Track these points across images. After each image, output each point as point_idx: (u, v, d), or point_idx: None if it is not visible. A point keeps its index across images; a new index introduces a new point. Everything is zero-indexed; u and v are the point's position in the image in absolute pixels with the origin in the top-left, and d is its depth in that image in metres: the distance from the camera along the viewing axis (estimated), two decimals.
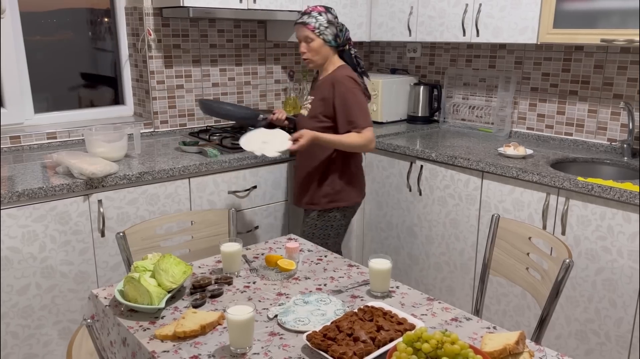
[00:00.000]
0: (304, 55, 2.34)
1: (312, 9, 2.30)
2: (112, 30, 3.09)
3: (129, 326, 1.46)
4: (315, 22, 2.27)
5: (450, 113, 3.45)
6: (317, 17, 2.27)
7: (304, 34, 2.29)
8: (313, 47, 2.30)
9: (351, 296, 1.62)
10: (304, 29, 2.29)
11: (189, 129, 3.15)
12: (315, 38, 2.29)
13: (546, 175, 2.34)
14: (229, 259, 1.75)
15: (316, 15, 2.28)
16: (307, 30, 2.28)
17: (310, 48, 2.31)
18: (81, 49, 3.07)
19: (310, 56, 2.33)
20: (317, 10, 2.29)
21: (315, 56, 2.33)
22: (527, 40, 2.65)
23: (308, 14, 2.29)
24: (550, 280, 1.74)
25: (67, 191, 2.16)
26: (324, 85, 2.34)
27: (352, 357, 1.23)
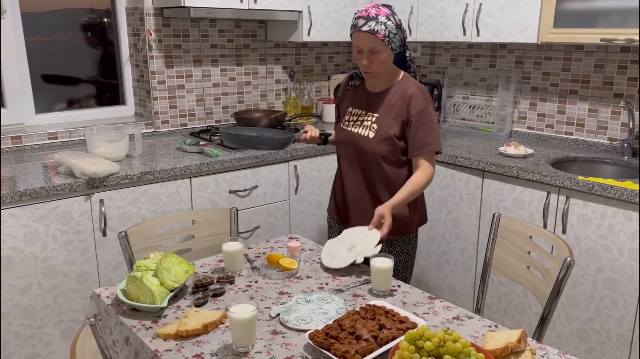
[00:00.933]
0: (369, 68, 1.90)
1: (377, 12, 1.84)
2: (113, 30, 3.09)
3: (132, 325, 1.46)
4: (384, 29, 1.82)
5: (451, 112, 3.46)
6: (385, 22, 1.83)
7: (370, 45, 1.84)
8: (381, 59, 1.87)
9: (353, 295, 1.62)
10: (372, 38, 1.83)
11: (190, 129, 3.15)
12: (384, 49, 1.85)
13: (547, 174, 2.34)
14: (230, 258, 1.75)
15: (384, 20, 1.83)
16: (376, 40, 1.83)
17: (377, 59, 1.87)
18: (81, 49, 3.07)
19: (377, 68, 1.90)
20: (383, 14, 1.84)
21: (382, 68, 1.90)
22: (527, 39, 2.66)
23: (374, 19, 1.82)
24: (552, 279, 1.74)
25: (69, 191, 2.16)
26: (393, 100, 1.94)
27: (354, 355, 1.24)
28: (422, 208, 2.11)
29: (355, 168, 2.04)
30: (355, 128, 2.02)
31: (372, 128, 1.98)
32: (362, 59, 1.90)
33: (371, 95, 2.01)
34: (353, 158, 2.04)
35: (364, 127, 2.00)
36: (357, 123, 2.03)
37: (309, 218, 2.94)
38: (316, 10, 3.09)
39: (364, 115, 2.02)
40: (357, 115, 2.04)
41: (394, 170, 1.98)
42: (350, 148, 2.04)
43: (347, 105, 2.10)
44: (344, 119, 2.09)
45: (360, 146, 2.00)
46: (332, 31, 3.21)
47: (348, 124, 2.06)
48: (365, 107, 2.03)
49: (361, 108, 2.04)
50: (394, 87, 1.96)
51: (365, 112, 2.02)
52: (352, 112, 2.06)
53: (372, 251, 1.73)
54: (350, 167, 2.06)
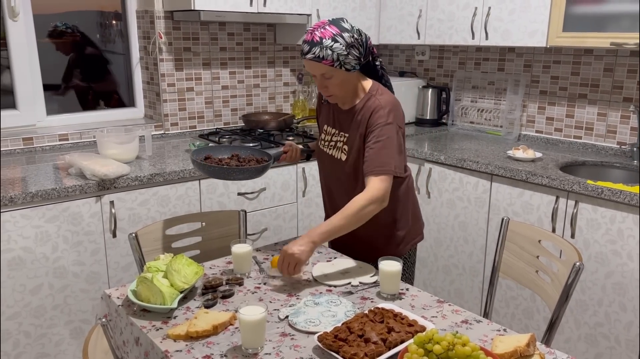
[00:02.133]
0: (326, 92, 1.77)
1: (322, 34, 1.66)
2: (123, 33, 3.12)
3: (142, 325, 1.47)
4: (331, 54, 1.65)
5: (459, 116, 3.46)
6: (331, 46, 1.65)
7: (320, 71, 1.71)
8: (336, 83, 1.73)
9: (361, 297, 1.63)
10: (319, 65, 1.68)
11: (199, 131, 3.17)
12: (336, 73, 1.70)
13: (555, 178, 2.34)
14: (239, 260, 1.76)
15: (329, 43, 1.64)
16: (323, 67, 1.68)
17: (332, 84, 1.73)
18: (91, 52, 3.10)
19: (335, 92, 1.76)
20: (329, 35, 1.65)
21: (340, 91, 1.77)
22: (536, 43, 2.65)
23: (318, 44, 1.65)
24: (560, 283, 1.74)
25: (80, 192, 2.18)
26: (359, 118, 1.79)
27: (363, 358, 1.24)
28: (415, 225, 1.99)
29: (337, 191, 1.94)
30: (330, 150, 1.91)
31: (343, 150, 1.85)
32: (317, 84, 1.77)
33: (341, 113, 1.86)
34: (333, 181, 1.95)
35: (337, 149, 1.88)
36: (331, 144, 1.91)
37: (316, 221, 2.95)
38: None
39: (337, 135, 1.88)
40: (331, 134, 1.91)
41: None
42: (329, 172, 1.95)
43: (323, 121, 1.97)
44: (321, 137, 1.97)
45: (336, 170, 1.89)
46: None
47: (325, 145, 1.94)
48: (338, 125, 1.89)
49: (334, 127, 1.90)
50: (362, 101, 1.80)
51: (337, 132, 1.88)
52: (327, 131, 1.93)
53: (369, 280, 1.70)
54: (332, 189, 1.96)
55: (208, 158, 1.91)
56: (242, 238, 2.12)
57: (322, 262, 1.85)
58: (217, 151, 1.97)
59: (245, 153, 1.99)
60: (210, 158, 1.91)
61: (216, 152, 1.96)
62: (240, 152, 1.98)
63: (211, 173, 1.84)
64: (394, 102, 1.78)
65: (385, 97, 1.78)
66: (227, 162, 1.90)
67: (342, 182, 1.90)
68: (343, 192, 1.90)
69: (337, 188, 1.94)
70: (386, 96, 1.78)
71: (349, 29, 1.69)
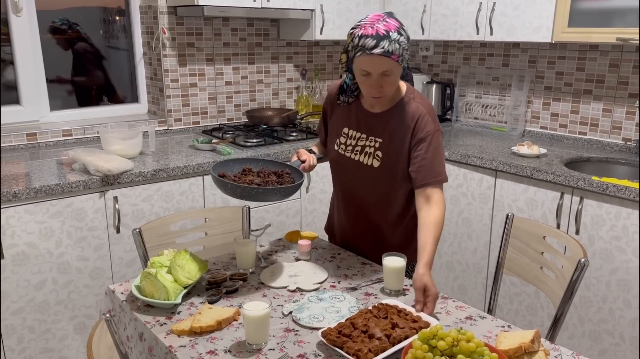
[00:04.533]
0: (379, 92, 1.60)
1: (386, 27, 1.52)
2: (126, 28, 3.12)
3: (146, 321, 1.47)
4: (399, 47, 1.53)
5: (463, 112, 3.45)
6: (399, 39, 1.53)
7: (383, 68, 1.54)
8: (392, 81, 1.59)
9: (365, 293, 1.62)
10: (387, 61, 1.53)
11: (203, 127, 3.17)
12: (397, 69, 1.57)
13: (560, 174, 2.33)
14: (243, 256, 1.76)
15: (396, 37, 1.52)
16: (390, 62, 1.53)
17: (388, 82, 1.58)
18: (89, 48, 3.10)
19: (388, 91, 1.62)
20: (394, 28, 1.53)
21: (392, 90, 1.63)
22: (541, 38, 2.64)
23: (386, 38, 1.51)
24: (565, 279, 1.73)
25: (83, 188, 2.18)
26: (399, 123, 1.68)
27: (367, 354, 1.24)
28: None
29: (363, 198, 1.81)
30: (356, 155, 1.75)
31: (376, 156, 1.71)
32: (371, 83, 1.59)
33: (371, 117, 1.73)
34: (357, 187, 1.81)
35: (365, 154, 1.73)
36: (356, 149, 1.75)
37: (320, 217, 2.95)
38: (329, 8, 3.09)
39: (365, 140, 1.73)
40: (356, 138, 1.75)
41: (402, 204, 1.78)
42: (351, 179, 1.81)
43: (339, 123, 1.81)
44: (337, 141, 1.81)
45: (362, 177, 1.76)
46: (345, 30, 3.20)
47: (345, 149, 1.78)
48: (365, 129, 1.74)
49: (359, 131, 1.75)
50: (399, 105, 1.68)
51: (366, 136, 1.73)
52: (349, 135, 1.78)
53: (311, 286, 1.64)
54: (356, 195, 1.84)
55: (224, 176, 1.68)
56: (246, 234, 2.11)
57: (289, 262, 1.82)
58: (226, 167, 1.75)
59: (256, 165, 1.78)
60: (226, 176, 1.69)
61: (225, 168, 1.74)
62: (251, 165, 1.78)
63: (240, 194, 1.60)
64: (430, 104, 1.74)
65: (425, 102, 1.71)
66: (251, 180, 1.66)
67: (371, 189, 1.78)
68: (372, 199, 1.80)
69: (363, 194, 1.81)
70: (425, 100, 1.72)
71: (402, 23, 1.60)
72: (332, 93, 1.84)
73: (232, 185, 1.58)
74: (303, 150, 1.84)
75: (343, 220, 1.93)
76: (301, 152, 1.82)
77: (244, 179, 1.68)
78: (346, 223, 1.92)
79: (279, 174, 1.74)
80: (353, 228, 1.91)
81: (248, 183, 1.64)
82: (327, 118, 1.88)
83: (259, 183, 1.64)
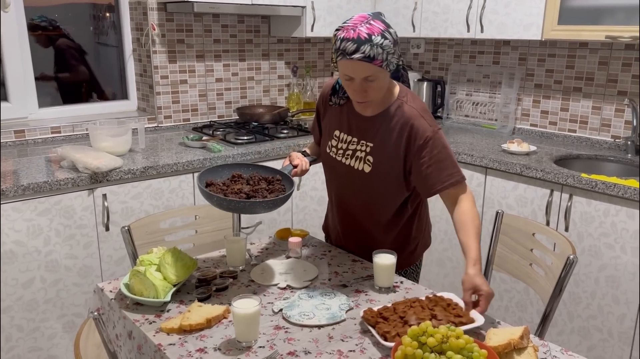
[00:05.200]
0: (363, 98, 1.55)
1: (369, 30, 1.45)
2: (116, 24, 3.09)
3: (135, 319, 1.46)
4: (382, 52, 1.45)
5: (454, 109, 3.45)
6: (382, 43, 1.45)
7: (364, 74, 1.48)
8: (378, 86, 1.53)
9: (355, 290, 1.62)
10: (368, 66, 1.46)
11: (193, 124, 3.15)
12: (381, 74, 1.50)
13: (550, 171, 2.34)
14: (233, 253, 1.75)
15: (380, 41, 1.45)
16: (372, 67, 1.47)
17: (373, 88, 1.52)
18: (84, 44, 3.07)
19: (373, 97, 1.56)
20: (377, 31, 1.45)
21: (379, 95, 1.57)
22: (531, 36, 2.65)
23: (367, 42, 1.44)
24: (554, 276, 1.74)
25: (72, 185, 2.17)
26: (391, 127, 1.62)
27: (394, 337, 1.28)
28: (427, 230, 1.89)
29: (354, 205, 1.78)
30: (347, 160, 1.70)
31: (367, 161, 1.66)
32: (354, 88, 1.53)
33: (362, 120, 1.67)
34: (348, 193, 1.78)
35: (357, 159, 1.68)
36: (347, 152, 1.70)
37: (311, 214, 2.94)
38: (320, 5, 3.09)
39: (356, 144, 1.68)
40: (347, 142, 1.70)
41: (395, 210, 1.73)
42: (342, 183, 1.77)
43: (331, 125, 1.76)
44: (329, 144, 1.77)
45: (353, 182, 1.71)
46: (336, 27, 3.20)
47: (337, 153, 1.73)
48: (357, 133, 1.68)
49: (351, 134, 1.70)
50: (391, 108, 1.62)
51: (357, 140, 1.68)
52: (340, 138, 1.73)
53: (301, 284, 1.63)
54: (347, 201, 1.81)
55: (211, 185, 1.64)
56: (236, 231, 2.11)
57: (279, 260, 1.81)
58: (215, 174, 1.69)
59: (246, 171, 1.72)
60: (213, 184, 1.64)
61: (214, 174, 1.68)
62: (241, 170, 1.72)
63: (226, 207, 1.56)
64: (425, 106, 1.65)
65: (418, 104, 1.63)
66: (239, 189, 1.61)
67: (362, 195, 1.73)
68: (363, 205, 1.75)
69: (354, 200, 1.77)
70: (418, 102, 1.64)
71: (389, 24, 1.50)
72: (324, 93, 1.79)
73: (218, 198, 1.53)
74: (295, 153, 1.78)
75: (336, 223, 1.92)
76: (293, 156, 1.76)
77: (232, 187, 1.63)
78: (339, 227, 1.91)
79: (269, 181, 1.70)
80: (345, 233, 1.90)
81: (237, 191, 1.61)
82: (320, 118, 1.84)
83: (248, 192, 1.61)
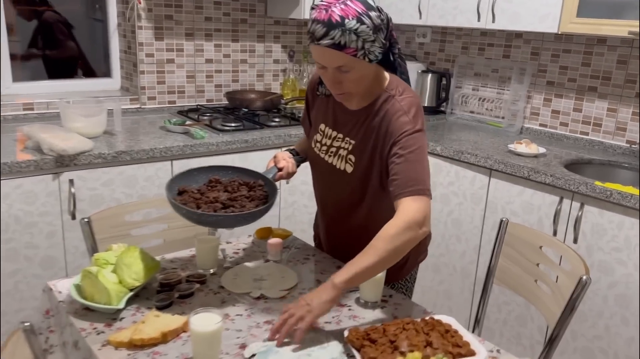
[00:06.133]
0: (338, 90, 1.36)
1: (343, 12, 1.24)
2: None
3: (82, 327, 1.28)
4: (356, 40, 1.25)
5: (459, 104, 3.25)
6: (356, 29, 1.24)
7: (336, 64, 1.29)
8: (354, 78, 1.32)
9: (338, 304, 1.43)
10: (339, 55, 1.27)
11: (179, 107, 2.95)
12: (357, 64, 1.30)
13: (560, 176, 2.14)
14: (204, 254, 1.56)
15: (354, 25, 1.24)
16: (344, 57, 1.27)
17: (349, 79, 1.32)
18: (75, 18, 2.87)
19: (351, 89, 1.36)
20: (353, 14, 1.24)
21: (357, 88, 1.36)
22: (547, 28, 2.43)
23: (339, 26, 1.23)
24: (562, 296, 1.55)
25: (35, 168, 1.97)
26: (375, 122, 1.41)
27: None
28: (422, 242, 1.57)
29: (336, 210, 1.59)
30: (330, 158, 1.51)
31: (348, 160, 1.47)
32: (328, 78, 1.34)
33: (347, 114, 1.47)
34: (327, 195, 1.60)
35: (339, 157, 1.49)
36: (331, 149, 1.51)
37: (300, 210, 2.75)
38: None
39: (340, 140, 1.49)
40: (331, 138, 1.51)
41: (379, 215, 1.44)
42: (325, 184, 1.59)
43: (318, 118, 1.57)
44: (315, 138, 1.57)
45: (336, 183, 1.52)
46: None
47: (320, 149, 1.54)
48: (341, 128, 1.49)
49: (336, 129, 1.50)
50: (377, 102, 1.41)
51: (342, 137, 1.48)
52: (325, 133, 1.53)
53: (277, 294, 1.45)
54: (329, 205, 1.62)
55: (184, 192, 1.45)
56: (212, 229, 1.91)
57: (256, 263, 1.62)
58: (190, 178, 1.50)
59: (226, 175, 1.53)
60: (186, 192, 1.45)
61: (188, 179, 1.50)
62: (220, 174, 1.53)
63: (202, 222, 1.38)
64: (417, 102, 1.40)
65: (408, 98, 1.40)
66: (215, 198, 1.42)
67: (344, 198, 1.53)
68: (345, 210, 1.55)
69: (337, 204, 1.57)
70: (408, 96, 1.40)
71: (374, 6, 1.28)
72: (313, 80, 1.58)
73: (187, 211, 1.35)
74: (282, 154, 1.59)
75: (322, 228, 1.72)
76: (279, 158, 1.58)
77: (207, 196, 1.44)
78: (323, 231, 1.71)
79: (251, 186, 1.51)
80: (329, 238, 1.70)
81: (212, 200, 1.42)
82: (309, 109, 1.63)
83: (225, 202, 1.42)
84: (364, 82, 1.37)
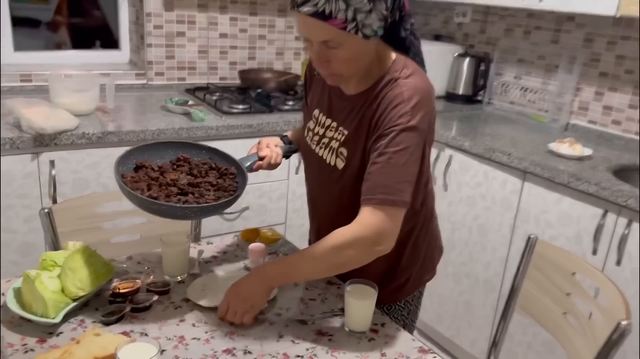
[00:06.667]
0: (326, 70, 1.14)
1: None
2: None
3: (11, 342, 1.10)
4: (344, 9, 1.02)
5: (498, 93, 2.92)
6: None
7: (321, 37, 1.07)
8: (344, 56, 1.10)
9: (317, 331, 1.20)
10: (323, 27, 1.04)
11: (189, 84, 2.74)
12: (347, 40, 1.07)
13: (607, 186, 1.83)
14: (171, 260, 1.36)
15: None
16: (330, 29, 1.04)
17: (337, 57, 1.10)
18: None
19: (340, 70, 1.13)
20: None
21: (349, 69, 1.13)
22: (603, 11, 2.08)
23: None
24: (595, 339, 1.27)
25: (11, 147, 1.81)
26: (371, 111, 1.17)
27: None
28: (429, 260, 1.40)
29: (325, 210, 1.37)
30: (320, 150, 1.29)
31: (340, 153, 1.23)
32: (313, 55, 1.12)
33: (341, 99, 1.24)
34: (316, 194, 1.39)
35: (330, 150, 1.26)
36: (323, 141, 1.28)
37: None
38: None
39: (332, 130, 1.26)
40: (325, 127, 1.28)
41: None
42: (315, 180, 1.37)
43: (313, 102, 1.34)
44: (308, 125, 1.34)
45: (325, 181, 1.30)
46: None
47: (312, 139, 1.32)
48: (336, 116, 1.26)
49: (330, 117, 1.27)
50: (379, 85, 1.16)
51: (336, 126, 1.25)
52: (319, 120, 1.30)
53: None
54: (314, 207, 1.42)
55: (142, 167, 1.24)
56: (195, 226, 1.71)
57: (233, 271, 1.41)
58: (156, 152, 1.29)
59: (199, 154, 1.33)
60: (144, 167, 1.24)
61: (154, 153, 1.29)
62: (192, 152, 1.32)
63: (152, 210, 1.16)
64: (424, 89, 1.14)
65: (413, 83, 1.14)
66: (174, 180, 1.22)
67: (334, 199, 1.30)
68: (335, 214, 1.31)
69: (326, 206, 1.35)
70: (414, 80, 1.14)
71: None
72: (309, 65, 1.35)
73: (129, 192, 1.14)
74: (267, 140, 1.41)
75: (313, 232, 1.48)
76: (262, 144, 1.39)
77: (167, 176, 1.22)
78: (314, 239, 1.46)
79: (222, 172, 1.30)
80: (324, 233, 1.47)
81: (170, 182, 1.20)
82: (307, 91, 1.38)
83: (183, 187, 1.20)
84: (357, 62, 1.13)
